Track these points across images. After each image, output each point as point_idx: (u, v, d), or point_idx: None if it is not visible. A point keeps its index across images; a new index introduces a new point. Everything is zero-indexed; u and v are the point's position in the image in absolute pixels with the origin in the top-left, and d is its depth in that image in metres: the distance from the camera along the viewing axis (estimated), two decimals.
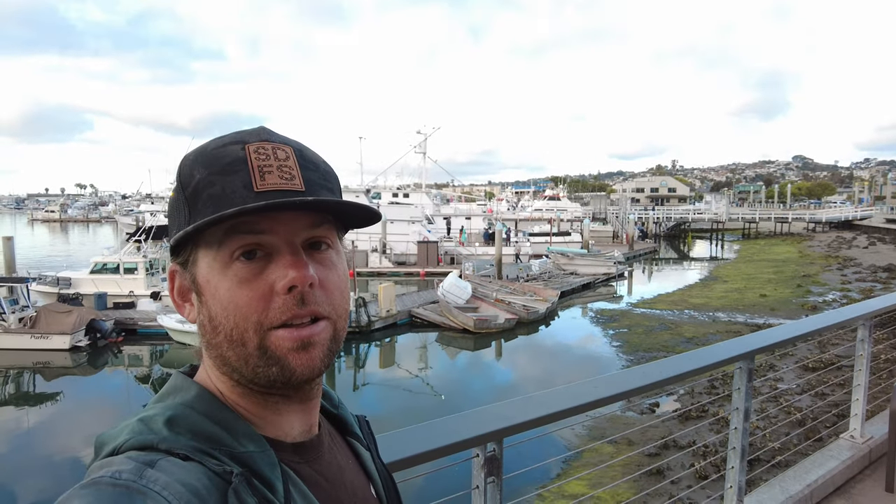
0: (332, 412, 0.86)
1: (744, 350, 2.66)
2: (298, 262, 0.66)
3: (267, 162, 0.67)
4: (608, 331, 19.03)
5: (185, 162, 0.70)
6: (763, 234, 57.34)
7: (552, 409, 1.87)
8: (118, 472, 0.55)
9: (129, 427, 0.63)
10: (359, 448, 0.85)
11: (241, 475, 0.61)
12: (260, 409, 0.71)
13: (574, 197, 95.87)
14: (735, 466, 2.93)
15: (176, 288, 0.73)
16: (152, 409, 0.67)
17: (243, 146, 0.68)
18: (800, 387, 10.80)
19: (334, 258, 0.72)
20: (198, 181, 0.66)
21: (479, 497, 1.75)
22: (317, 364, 0.68)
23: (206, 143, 0.72)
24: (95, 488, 0.53)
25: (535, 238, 38.97)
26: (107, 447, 0.63)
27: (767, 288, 25.28)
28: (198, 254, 0.68)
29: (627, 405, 11.84)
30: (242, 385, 0.69)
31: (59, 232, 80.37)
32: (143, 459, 0.58)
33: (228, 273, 0.66)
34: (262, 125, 0.72)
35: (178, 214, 0.69)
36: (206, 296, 0.68)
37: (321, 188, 0.70)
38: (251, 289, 0.66)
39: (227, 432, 0.66)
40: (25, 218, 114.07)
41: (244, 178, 0.65)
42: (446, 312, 19.63)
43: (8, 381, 15.50)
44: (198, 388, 0.70)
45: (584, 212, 64.46)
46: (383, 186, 43.54)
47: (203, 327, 0.69)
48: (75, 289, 20.94)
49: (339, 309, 0.72)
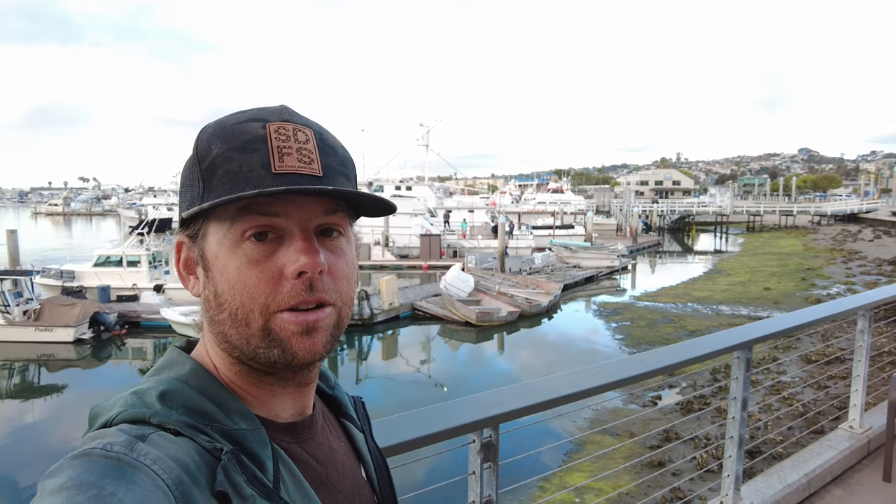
0: (327, 393, 0.86)
1: (742, 339, 2.67)
2: (310, 248, 0.66)
3: (287, 143, 0.66)
4: (611, 324, 19.04)
5: (204, 134, 0.69)
6: (767, 228, 57.15)
7: (549, 395, 1.88)
8: (109, 444, 0.56)
9: (123, 400, 0.64)
10: (352, 429, 0.85)
11: (231, 453, 0.60)
12: (254, 389, 0.71)
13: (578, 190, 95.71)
14: (733, 455, 2.95)
15: (182, 259, 0.73)
16: (146, 382, 0.67)
17: (264, 124, 0.67)
18: (801, 379, 10.80)
19: (344, 245, 0.72)
20: (215, 155, 0.66)
21: (476, 482, 1.77)
22: (319, 349, 0.68)
23: (226, 116, 0.71)
24: (87, 459, 0.54)
25: (539, 231, 38.94)
26: (100, 419, 0.63)
27: (771, 281, 25.24)
28: (208, 228, 0.68)
29: (630, 398, 11.87)
30: (241, 363, 0.69)
31: (63, 225, 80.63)
32: (134, 433, 0.58)
33: (238, 252, 0.66)
34: (284, 104, 0.71)
35: (191, 186, 0.68)
36: (213, 272, 0.68)
37: (338, 174, 0.69)
38: (261, 270, 0.65)
39: (219, 409, 0.66)
40: (29, 211, 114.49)
41: (263, 158, 0.65)
42: (448, 305, 19.66)
43: (13, 374, 15.61)
44: (193, 363, 0.70)
45: (588, 205, 64.36)
46: (386, 179, 43.53)
47: (207, 302, 0.69)
48: (79, 282, 21.04)
49: (346, 297, 0.71)
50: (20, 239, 22.49)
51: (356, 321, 18.42)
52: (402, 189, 42.12)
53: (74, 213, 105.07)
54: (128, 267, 21.15)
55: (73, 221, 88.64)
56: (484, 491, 1.79)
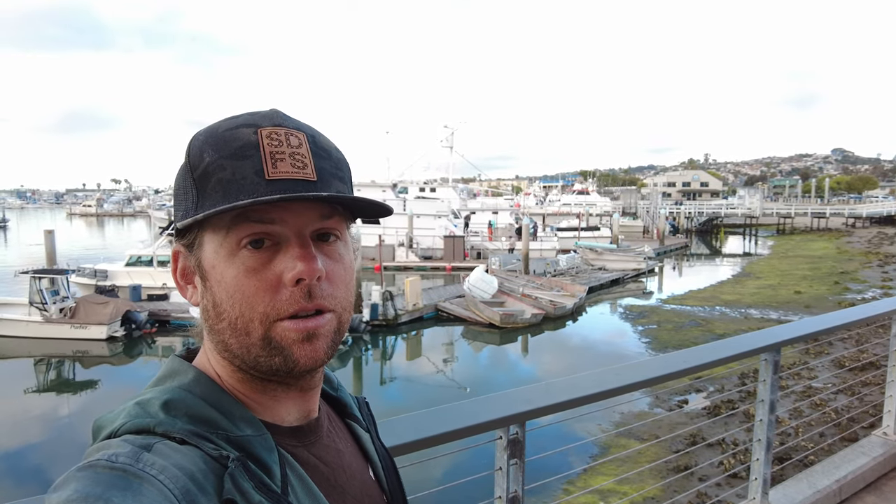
0: (331, 395, 0.85)
1: (770, 342, 2.64)
2: (307, 254, 0.65)
3: (279, 148, 0.65)
4: (637, 327, 18.85)
5: (195, 142, 0.68)
6: (799, 230, 55.86)
7: (574, 394, 1.90)
8: (115, 455, 0.55)
9: (126, 410, 0.63)
10: (358, 430, 0.85)
11: (238, 460, 0.60)
12: (258, 395, 0.70)
13: (603, 191, 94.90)
14: (760, 459, 2.92)
15: (179, 269, 0.72)
16: (149, 392, 0.67)
17: (256, 130, 0.66)
18: (833, 384, 10.56)
19: (342, 250, 0.71)
20: (207, 164, 0.65)
21: (502, 478, 1.80)
22: (320, 356, 0.68)
23: (217, 122, 0.69)
24: (92, 471, 0.53)
25: (563, 233, 38.71)
26: (104, 430, 0.63)
27: (802, 285, 24.69)
28: (203, 238, 0.67)
29: (656, 401, 11.74)
30: (242, 370, 0.69)
31: (96, 226, 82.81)
32: (139, 443, 0.58)
33: (235, 261, 0.65)
34: (275, 108, 0.70)
35: (185, 196, 0.68)
36: (211, 281, 0.67)
37: (333, 177, 0.68)
38: (258, 279, 0.65)
39: (224, 416, 0.65)
40: (64, 212, 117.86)
41: (255, 165, 0.64)
42: (472, 306, 19.67)
43: (50, 369, 16.09)
44: (195, 371, 0.69)
45: (614, 206, 63.75)
46: (410, 181, 43.72)
47: (206, 312, 0.68)
48: (112, 281, 21.59)
49: (345, 302, 0.71)
50: (56, 239, 23.17)
51: (380, 322, 18.56)
52: (427, 191, 42.26)
53: (107, 213, 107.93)
54: (158, 267, 21.62)
55: (105, 222, 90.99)
56: (510, 487, 1.82)
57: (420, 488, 1.85)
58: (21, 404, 13.45)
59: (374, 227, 31.07)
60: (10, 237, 60.99)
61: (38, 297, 17.43)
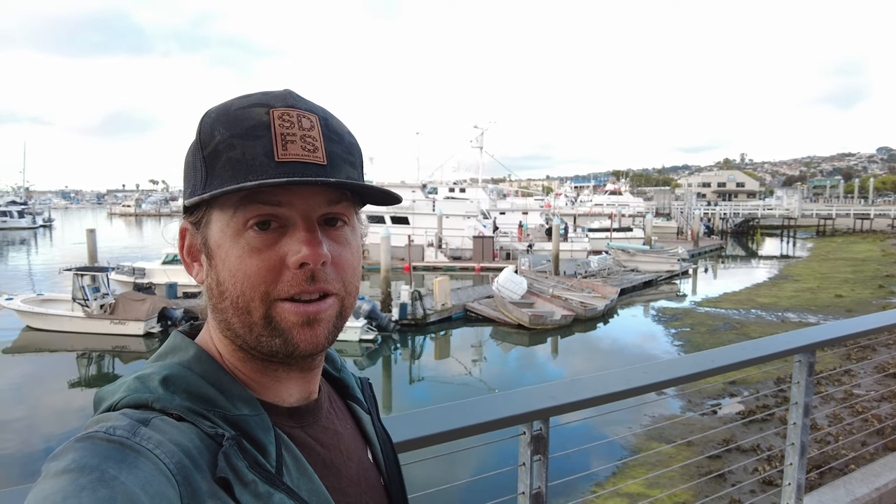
0: (333, 375, 0.85)
1: (804, 343, 2.58)
2: (313, 239, 0.65)
3: (290, 130, 0.65)
4: (670, 329, 18.52)
5: (207, 119, 0.67)
6: (840, 232, 54.10)
7: (600, 391, 1.89)
8: (113, 427, 0.56)
9: (126, 384, 0.64)
10: (359, 412, 0.85)
11: (233, 438, 0.60)
12: (259, 375, 0.71)
13: (636, 192, 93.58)
14: (794, 463, 2.85)
15: (186, 246, 0.73)
16: (150, 367, 0.67)
17: (268, 110, 0.65)
18: (876, 391, 10.21)
19: (349, 235, 0.71)
20: (218, 142, 0.65)
21: (525, 473, 1.80)
22: (321, 341, 0.68)
23: (230, 100, 0.69)
24: (90, 442, 0.54)
25: (595, 234, 38.29)
26: (104, 403, 0.64)
27: (844, 288, 23.90)
28: (211, 216, 0.68)
29: (687, 405, 11.53)
30: (244, 350, 0.69)
31: (135, 225, 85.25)
32: (137, 417, 0.59)
33: (241, 241, 0.65)
34: (289, 88, 0.69)
35: (194, 173, 0.68)
36: (216, 259, 0.67)
37: (343, 162, 0.68)
38: (262, 259, 0.65)
39: (222, 394, 0.65)
40: (105, 212, 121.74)
41: (266, 146, 0.64)
42: (501, 307, 19.61)
43: (91, 363, 16.65)
44: (196, 348, 0.69)
45: (647, 207, 62.80)
46: (440, 181, 43.82)
47: (210, 290, 0.69)
48: (149, 278, 22.24)
49: (350, 286, 0.71)
50: (97, 238, 23.93)
51: (409, 321, 18.66)
52: (456, 191, 42.30)
53: (145, 213, 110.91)
54: None
55: (143, 222, 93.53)
56: (534, 483, 1.83)
57: (444, 480, 1.87)
58: (65, 396, 13.94)
59: (404, 228, 31.31)
60: (55, 236, 63.26)
61: (80, 294, 18.03)
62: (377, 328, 17.56)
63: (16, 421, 12.34)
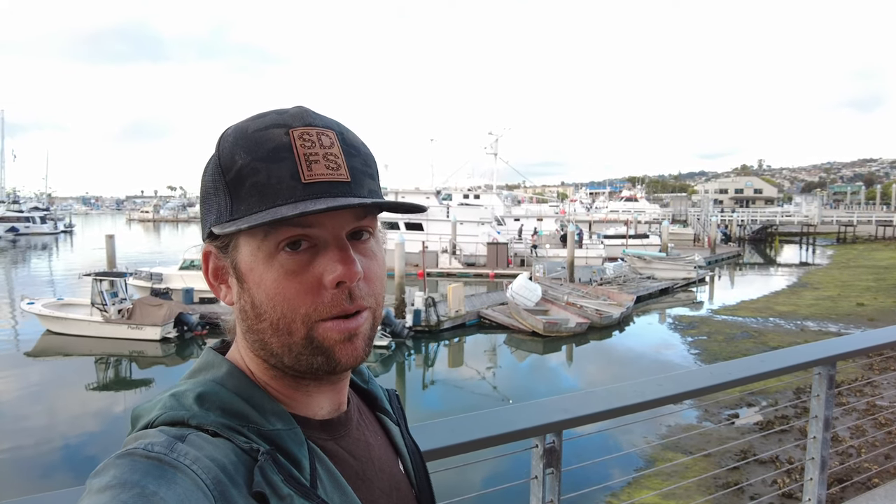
0: (361, 387, 0.87)
1: (824, 354, 2.53)
2: (346, 257, 0.66)
3: (312, 150, 0.65)
4: (686, 338, 18.31)
5: (225, 143, 0.68)
6: (861, 239, 53.19)
7: (613, 404, 1.87)
8: (151, 444, 0.58)
9: (162, 402, 0.65)
10: (388, 423, 0.85)
11: (267, 453, 0.61)
12: (290, 390, 0.71)
13: (653, 198, 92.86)
14: (814, 479, 2.79)
15: (211, 270, 0.73)
16: (184, 384, 0.69)
17: (287, 131, 0.66)
18: None
19: (374, 247, 0.72)
20: (240, 167, 0.65)
21: (538, 487, 1.78)
22: (360, 354, 0.69)
23: (244, 121, 0.69)
24: (130, 458, 0.56)
25: (610, 241, 38.01)
26: (141, 420, 0.65)
27: (866, 296, 23.46)
28: (239, 239, 0.67)
29: (704, 415, 11.36)
30: (276, 368, 0.70)
31: (153, 230, 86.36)
32: (174, 434, 0.60)
33: (274, 263, 0.65)
34: (301, 105, 0.70)
35: (216, 198, 0.68)
36: (248, 283, 0.67)
37: (364, 175, 0.69)
38: (299, 281, 0.65)
39: (255, 410, 0.67)
40: (124, 217, 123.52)
41: (291, 168, 0.64)
42: (515, 314, 19.52)
43: (108, 367, 16.85)
44: (229, 365, 0.70)
45: (663, 213, 62.31)
46: (454, 188, 43.86)
47: (244, 313, 0.69)
48: (166, 284, 22.44)
49: (379, 298, 0.72)
50: (116, 243, 24.27)
51: (423, 328, 18.65)
52: (470, 197, 42.30)
53: (163, 219, 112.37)
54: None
55: (161, 227, 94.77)
56: (546, 496, 1.80)
57: (456, 493, 1.85)
58: (82, 399, 14.13)
59: (418, 234, 31.37)
60: (76, 241, 64.29)
61: (98, 299, 18.24)
62: (391, 334, 17.55)
63: (35, 422, 12.55)
